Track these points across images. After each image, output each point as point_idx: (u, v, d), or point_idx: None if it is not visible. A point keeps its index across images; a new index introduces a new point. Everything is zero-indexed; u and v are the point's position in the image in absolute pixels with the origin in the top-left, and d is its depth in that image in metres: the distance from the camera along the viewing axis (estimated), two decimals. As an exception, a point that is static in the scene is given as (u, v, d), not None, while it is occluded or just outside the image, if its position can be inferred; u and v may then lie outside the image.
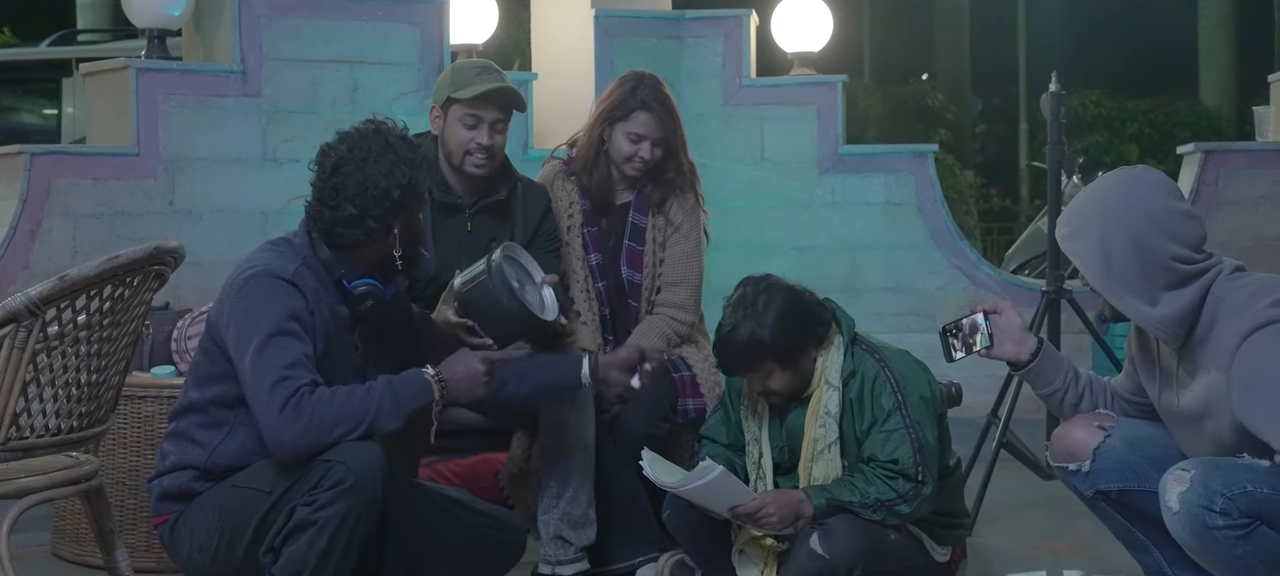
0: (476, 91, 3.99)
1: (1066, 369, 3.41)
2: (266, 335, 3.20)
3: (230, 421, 3.33)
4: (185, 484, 3.35)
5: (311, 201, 3.39)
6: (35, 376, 3.18)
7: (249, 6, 5.71)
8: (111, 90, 5.71)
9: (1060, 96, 5.13)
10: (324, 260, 3.36)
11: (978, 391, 5.15)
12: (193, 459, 3.35)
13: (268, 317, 3.22)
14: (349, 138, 3.37)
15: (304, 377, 3.20)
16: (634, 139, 4.23)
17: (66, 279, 3.15)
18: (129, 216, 5.43)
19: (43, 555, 4.50)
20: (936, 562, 3.87)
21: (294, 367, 3.20)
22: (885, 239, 6.59)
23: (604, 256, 4.31)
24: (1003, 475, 4.99)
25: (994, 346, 3.38)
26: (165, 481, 3.39)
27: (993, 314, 3.39)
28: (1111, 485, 3.32)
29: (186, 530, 3.34)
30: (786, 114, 6.63)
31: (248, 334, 3.22)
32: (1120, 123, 15.89)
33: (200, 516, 3.32)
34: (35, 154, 5.43)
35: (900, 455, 3.69)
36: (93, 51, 10.79)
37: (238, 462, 3.32)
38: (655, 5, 6.89)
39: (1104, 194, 3.13)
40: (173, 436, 3.41)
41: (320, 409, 3.18)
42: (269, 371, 3.18)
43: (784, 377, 3.76)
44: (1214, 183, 6.72)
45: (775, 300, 3.72)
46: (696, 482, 3.68)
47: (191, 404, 3.38)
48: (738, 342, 3.71)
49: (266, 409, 3.18)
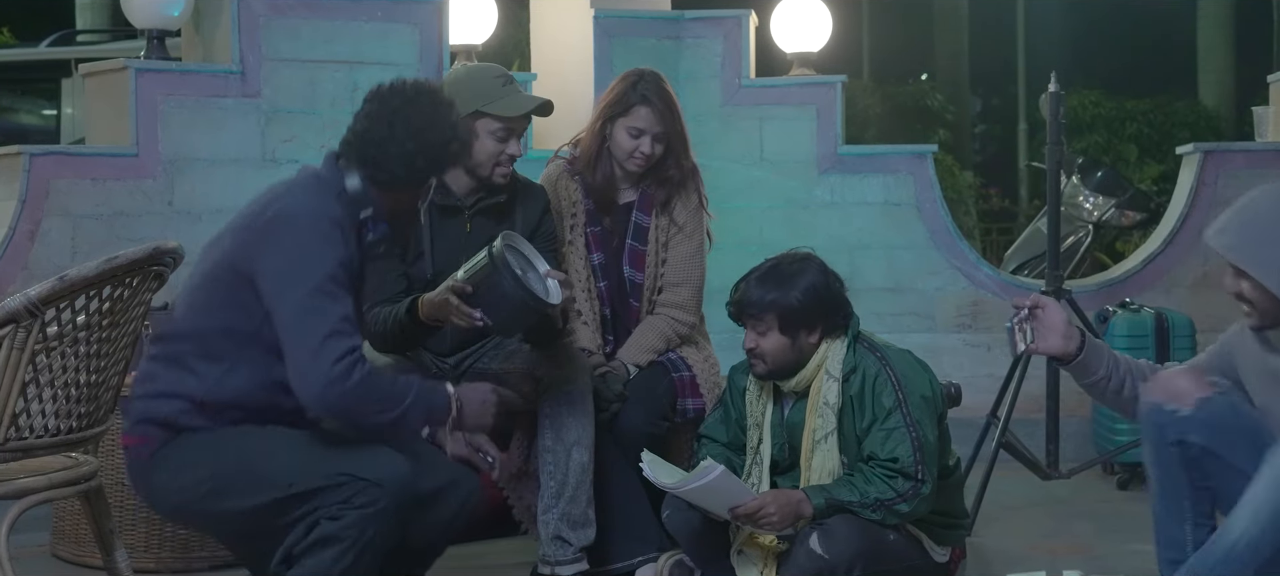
0: (520, 110, 4.01)
1: (1108, 355, 3.46)
2: (320, 280, 3.16)
3: (231, 357, 3.26)
4: (174, 414, 3.27)
5: (355, 133, 3.35)
6: (34, 377, 3.18)
7: (248, 7, 5.70)
8: (110, 90, 5.71)
9: (1059, 97, 5.13)
10: (352, 195, 3.31)
11: (977, 391, 5.16)
12: (188, 389, 3.27)
13: (320, 263, 3.18)
14: (414, 82, 3.39)
15: (356, 339, 3.19)
16: (634, 133, 4.24)
17: (65, 279, 3.15)
18: (128, 217, 5.43)
19: (42, 555, 4.50)
20: (936, 562, 3.88)
21: (346, 322, 3.17)
22: (884, 239, 6.59)
23: (606, 256, 4.32)
24: (1002, 475, 5.00)
25: (1036, 341, 3.43)
26: (151, 404, 3.30)
27: (1037, 309, 3.45)
28: (1200, 438, 3.28)
29: (165, 464, 3.26)
30: (785, 114, 6.63)
31: (298, 275, 3.17)
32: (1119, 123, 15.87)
33: (188, 458, 3.25)
34: (34, 154, 5.42)
35: (900, 453, 3.70)
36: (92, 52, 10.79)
37: (237, 401, 3.27)
38: (654, 5, 6.89)
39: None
40: (163, 360, 3.32)
41: (369, 383, 3.17)
42: (323, 321, 3.14)
43: (778, 342, 3.78)
44: (1213, 183, 6.71)
45: (809, 273, 3.80)
46: (697, 483, 3.68)
47: (190, 331, 3.30)
48: (756, 293, 3.77)
49: (315, 357, 3.13)
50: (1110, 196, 8.57)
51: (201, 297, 3.31)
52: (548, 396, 3.97)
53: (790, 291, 3.75)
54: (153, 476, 3.30)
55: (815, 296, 3.78)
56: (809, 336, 3.80)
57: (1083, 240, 8.46)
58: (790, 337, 3.78)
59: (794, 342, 3.79)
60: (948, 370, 5.81)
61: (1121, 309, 5.97)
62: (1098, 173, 8.95)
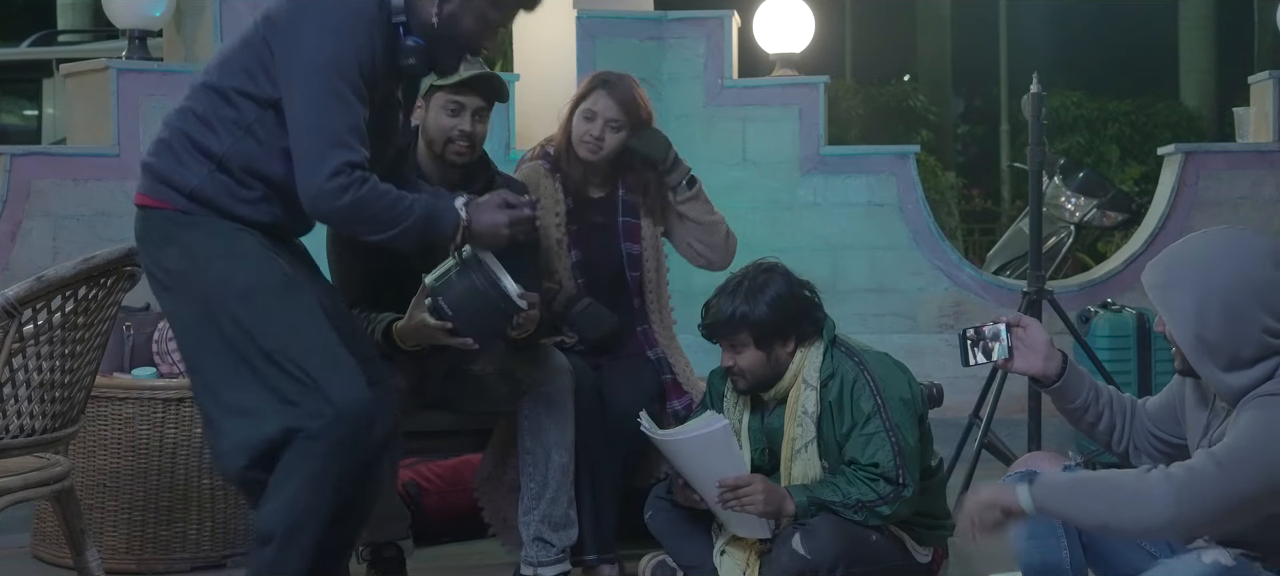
0: (460, 77, 3.97)
1: (1089, 384, 3.35)
2: (333, 79, 3.16)
3: (252, 116, 3.25)
4: (200, 183, 3.27)
5: None
6: (10, 377, 3.17)
7: (230, 7, 5.69)
8: (92, 91, 5.70)
9: (1041, 98, 5.14)
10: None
11: (959, 392, 5.16)
12: (209, 145, 3.27)
13: (338, 56, 3.17)
14: None
15: (359, 154, 3.19)
16: (588, 116, 4.22)
17: (43, 280, 3.14)
18: (109, 217, 5.41)
19: (23, 557, 4.48)
20: (918, 563, 3.88)
21: (353, 134, 3.17)
22: (867, 239, 6.60)
23: (584, 253, 4.29)
24: (985, 475, 4.99)
25: (1014, 360, 3.31)
26: (173, 162, 3.29)
27: (1016, 327, 3.34)
28: None
29: (180, 241, 3.27)
30: (768, 115, 6.64)
31: (312, 61, 3.17)
32: (1101, 124, 15.90)
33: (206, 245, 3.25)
34: (15, 155, 5.41)
35: (881, 458, 3.69)
36: (73, 52, 10.77)
37: (257, 168, 3.26)
38: (637, 6, 6.89)
39: (1209, 251, 3.03)
40: (188, 114, 3.31)
41: (364, 201, 3.19)
42: (328, 127, 3.16)
43: (755, 358, 3.77)
44: (1194, 183, 6.74)
45: (775, 284, 3.77)
46: (699, 432, 3.69)
47: (220, 86, 3.29)
48: (725, 309, 3.75)
49: (316, 164, 3.16)
50: (1092, 197, 8.60)
51: (238, 57, 3.30)
52: (527, 398, 3.96)
53: (758, 305, 3.74)
54: (160, 257, 3.30)
55: (784, 307, 3.76)
56: (783, 348, 3.79)
57: (1064, 241, 8.49)
58: (765, 352, 3.77)
59: (769, 356, 3.78)
60: (930, 370, 5.82)
61: (1103, 309, 5.99)
62: (1079, 173, 8.98)
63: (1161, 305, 3.04)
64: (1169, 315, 3.02)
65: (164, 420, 4.27)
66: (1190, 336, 2.98)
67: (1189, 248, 3.07)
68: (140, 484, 4.27)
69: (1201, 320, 2.96)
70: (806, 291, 3.83)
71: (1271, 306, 2.95)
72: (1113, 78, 19.17)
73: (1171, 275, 3.04)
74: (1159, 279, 3.05)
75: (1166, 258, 3.09)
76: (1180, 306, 3.00)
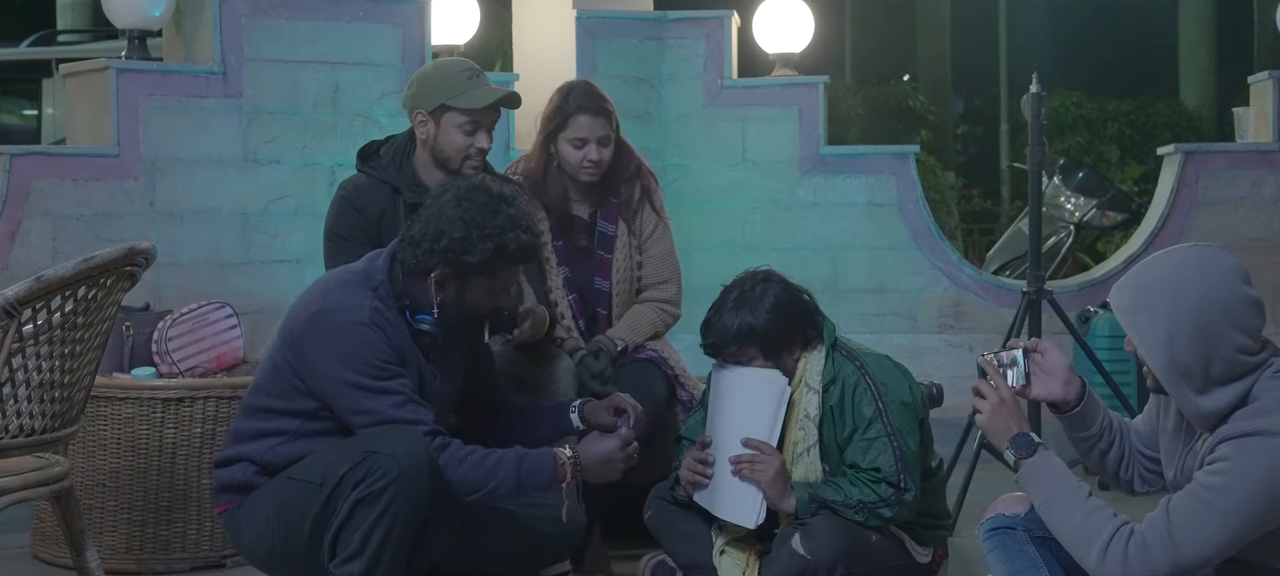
0: (484, 102, 4.01)
1: (1103, 413, 3.30)
2: (358, 384, 3.36)
3: (291, 431, 3.47)
4: (245, 478, 3.50)
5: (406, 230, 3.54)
6: (10, 377, 3.17)
7: (230, 7, 5.68)
8: (91, 91, 5.69)
9: (1041, 97, 5.14)
10: (396, 287, 3.47)
11: (960, 392, 5.15)
12: (251, 453, 3.50)
13: (351, 367, 3.37)
14: (468, 180, 3.59)
15: (422, 413, 3.38)
16: (578, 144, 4.25)
17: (43, 280, 3.15)
18: (109, 217, 5.41)
19: (23, 557, 4.49)
20: (918, 563, 3.88)
21: (400, 409, 3.36)
22: (867, 240, 6.60)
23: (572, 270, 4.31)
24: (984, 476, 5.00)
25: (1031, 386, 3.24)
26: (225, 472, 3.54)
27: (1033, 352, 3.26)
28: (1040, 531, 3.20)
29: (247, 520, 3.49)
30: (768, 115, 6.63)
31: (333, 378, 3.38)
32: (1101, 124, 15.90)
33: (258, 509, 3.46)
34: (15, 155, 5.39)
35: (882, 463, 3.69)
36: (73, 52, 10.76)
37: (294, 460, 3.47)
38: (637, 6, 6.89)
39: (1177, 273, 2.97)
40: (239, 431, 3.55)
41: (446, 466, 3.36)
42: (378, 418, 3.36)
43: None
44: (1193, 183, 6.74)
45: (772, 291, 3.76)
46: (762, 376, 3.71)
47: (264, 407, 3.51)
48: (728, 324, 3.73)
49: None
50: (1091, 197, 8.60)
51: (271, 380, 3.51)
52: (530, 398, 3.96)
53: (760, 315, 3.72)
54: (242, 537, 3.54)
55: (786, 314, 3.75)
56: (790, 355, 3.79)
57: (1064, 241, 8.49)
58: (775, 360, 3.76)
59: (779, 364, 3.77)
60: (929, 370, 5.82)
61: (1103, 309, 5.99)
62: (1079, 173, 8.98)
63: (1131, 328, 2.98)
64: (1139, 339, 2.98)
65: (164, 420, 4.27)
66: (1163, 360, 2.94)
67: (1156, 269, 3.01)
68: (140, 484, 4.28)
69: (1173, 343, 2.92)
70: (804, 296, 3.82)
71: (1242, 324, 2.92)
72: (1112, 78, 19.17)
73: (1140, 298, 2.98)
74: (1127, 302, 3.00)
75: (1134, 279, 3.03)
76: (1150, 330, 2.95)
